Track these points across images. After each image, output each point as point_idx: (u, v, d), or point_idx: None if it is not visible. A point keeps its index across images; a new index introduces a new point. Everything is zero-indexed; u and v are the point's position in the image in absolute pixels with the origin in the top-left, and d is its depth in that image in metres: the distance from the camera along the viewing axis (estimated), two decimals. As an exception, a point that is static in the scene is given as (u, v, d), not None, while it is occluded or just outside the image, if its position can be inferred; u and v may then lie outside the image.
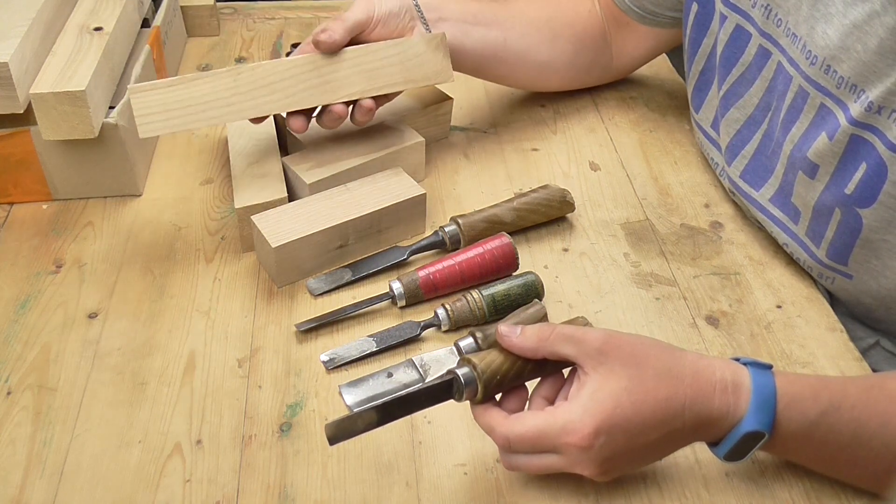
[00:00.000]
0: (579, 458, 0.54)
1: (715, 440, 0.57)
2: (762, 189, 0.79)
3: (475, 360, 0.57)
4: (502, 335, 0.58)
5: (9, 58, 0.73)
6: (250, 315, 0.72)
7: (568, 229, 0.82)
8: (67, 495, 0.59)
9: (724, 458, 0.57)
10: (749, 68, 0.79)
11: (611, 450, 0.54)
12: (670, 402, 0.54)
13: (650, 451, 0.56)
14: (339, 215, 0.75)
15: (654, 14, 0.91)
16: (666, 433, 0.55)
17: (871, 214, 0.67)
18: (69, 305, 0.72)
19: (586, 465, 0.55)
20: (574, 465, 0.55)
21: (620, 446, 0.54)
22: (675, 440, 0.56)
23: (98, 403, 0.65)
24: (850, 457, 0.57)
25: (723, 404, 0.55)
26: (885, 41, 0.62)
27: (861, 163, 0.67)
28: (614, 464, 0.55)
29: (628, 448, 0.55)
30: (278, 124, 0.87)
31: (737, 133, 0.82)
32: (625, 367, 0.55)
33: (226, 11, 1.17)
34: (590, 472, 0.55)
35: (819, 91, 0.69)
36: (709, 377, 0.55)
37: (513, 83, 0.97)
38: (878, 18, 0.63)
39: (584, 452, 0.54)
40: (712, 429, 0.56)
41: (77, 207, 0.83)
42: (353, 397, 0.65)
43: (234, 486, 0.60)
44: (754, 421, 0.54)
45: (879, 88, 0.64)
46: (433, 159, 0.90)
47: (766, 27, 0.76)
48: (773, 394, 0.55)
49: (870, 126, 0.65)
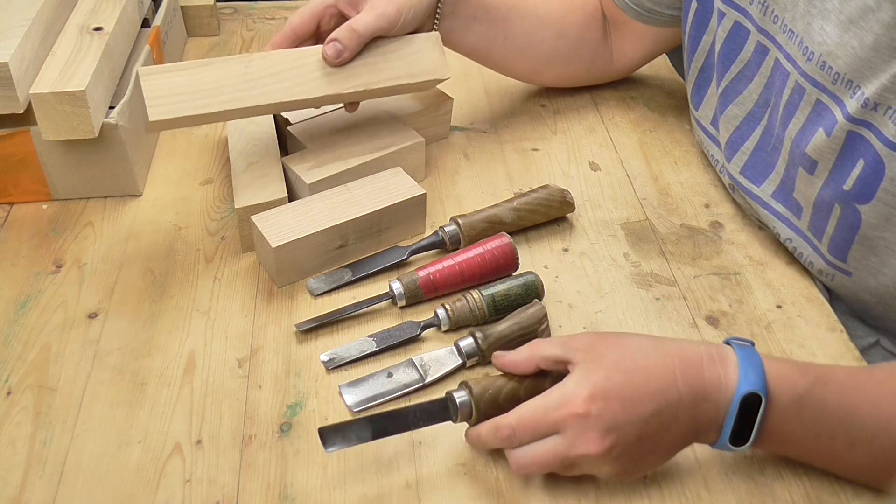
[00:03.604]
0: (580, 430, 0.55)
1: (716, 424, 0.56)
2: (763, 185, 0.79)
3: (471, 383, 0.60)
4: (495, 358, 0.62)
5: (9, 58, 0.73)
6: (250, 315, 0.72)
7: (568, 229, 0.82)
8: (67, 495, 0.59)
9: (730, 441, 0.56)
10: (748, 65, 0.79)
11: (610, 419, 0.54)
12: (660, 372, 0.56)
13: (655, 429, 0.55)
14: (339, 215, 0.75)
15: (653, 12, 0.91)
16: (664, 405, 0.55)
17: (869, 211, 0.67)
18: (69, 305, 0.72)
19: (590, 440, 0.54)
20: (577, 441, 0.55)
21: (619, 416, 0.55)
22: (677, 416, 0.56)
23: (98, 403, 0.65)
24: (845, 439, 0.57)
25: (713, 374, 0.56)
26: (881, 37, 0.63)
27: (859, 159, 0.67)
28: (619, 440, 0.55)
29: (627, 419, 0.55)
30: (278, 124, 0.87)
31: (736, 129, 0.82)
32: (611, 350, 0.58)
33: (226, 11, 1.17)
34: (595, 449, 0.55)
35: (815, 87, 0.70)
36: (693, 350, 0.57)
37: (508, 73, 0.97)
38: (872, 14, 0.63)
39: (582, 421, 0.54)
40: (709, 403, 0.56)
41: (77, 207, 0.83)
42: (353, 397, 0.65)
43: (234, 486, 0.60)
44: (748, 384, 0.55)
45: (875, 85, 0.64)
46: (433, 159, 0.90)
47: (764, 24, 0.76)
48: (759, 362, 0.57)
49: (866, 122, 0.65)
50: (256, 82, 0.74)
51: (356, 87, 0.77)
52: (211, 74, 0.72)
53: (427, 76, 0.81)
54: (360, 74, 0.77)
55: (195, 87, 0.71)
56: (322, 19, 0.79)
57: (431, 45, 0.81)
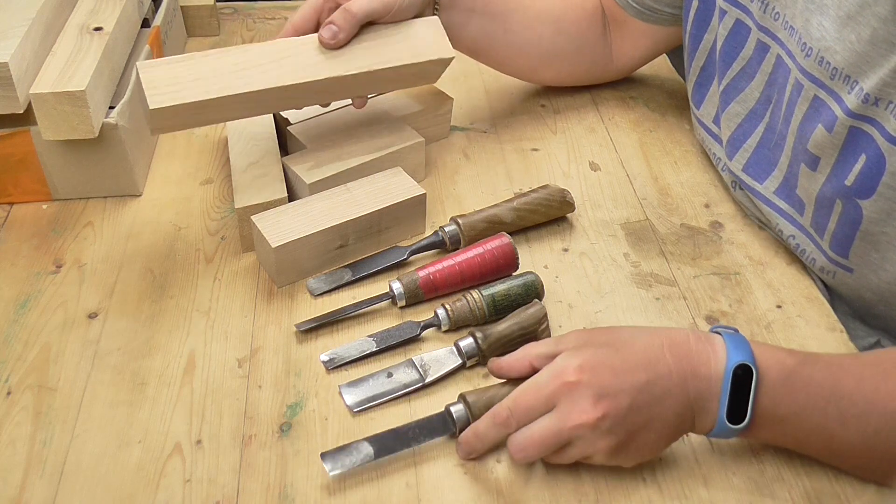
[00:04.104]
0: (572, 400, 0.56)
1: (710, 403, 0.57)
2: (766, 181, 0.79)
3: (468, 395, 0.62)
4: (491, 364, 0.64)
5: (9, 58, 0.73)
6: (250, 315, 0.72)
7: (568, 229, 0.82)
8: (67, 495, 0.59)
9: (727, 420, 0.57)
10: (749, 63, 0.80)
11: (600, 385, 0.56)
12: (649, 347, 0.58)
13: (647, 400, 0.57)
14: (339, 215, 0.75)
15: (653, 10, 0.91)
16: (654, 376, 0.57)
17: (870, 206, 0.68)
18: (69, 305, 0.72)
19: (583, 409, 0.56)
20: (571, 412, 0.56)
21: (610, 383, 0.56)
22: (669, 391, 0.57)
23: (98, 403, 0.65)
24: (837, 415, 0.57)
25: (701, 349, 0.58)
26: (878, 31, 0.63)
27: (861, 154, 0.67)
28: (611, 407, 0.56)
29: (619, 387, 0.56)
30: (278, 124, 0.87)
31: (738, 127, 0.82)
32: (600, 334, 0.61)
33: (226, 11, 1.17)
34: (588, 418, 0.56)
35: (813, 83, 0.70)
36: (679, 331, 0.60)
37: (507, 71, 0.97)
38: (869, 8, 0.64)
39: (574, 390, 0.56)
40: (699, 379, 0.57)
41: (77, 207, 0.83)
42: (353, 397, 0.65)
43: (234, 486, 0.60)
44: (738, 356, 0.57)
45: (873, 79, 0.64)
46: (433, 159, 0.90)
47: (764, 21, 0.76)
48: (746, 341, 0.59)
49: (868, 118, 0.66)
50: (256, 68, 0.73)
51: (359, 69, 0.77)
52: (210, 63, 0.72)
53: (430, 55, 0.80)
54: (361, 57, 0.77)
55: (194, 75, 0.71)
56: (322, 14, 0.79)
57: (432, 27, 0.81)
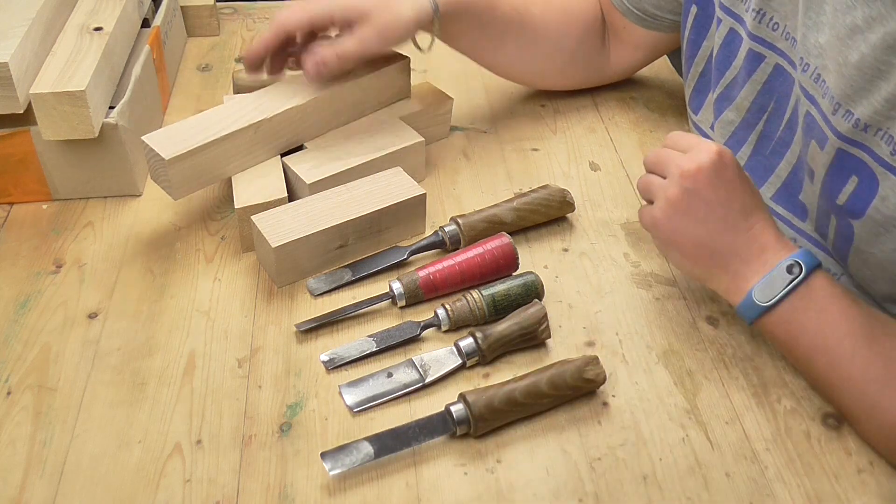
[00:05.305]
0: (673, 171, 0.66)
1: (757, 265, 0.64)
2: (763, 187, 0.79)
3: (467, 394, 0.62)
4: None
5: (9, 58, 0.73)
6: (250, 315, 0.72)
7: (568, 229, 0.82)
8: (67, 495, 0.59)
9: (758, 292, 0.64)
10: (740, 72, 0.79)
11: (695, 182, 0.65)
12: (738, 218, 0.66)
13: (722, 214, 0.65)
14: (339, 215, 0.75)
15: (654, 17, 0.91)
16: (732, 213, 0.65)
17: (860, 227, 0.67)
18: (69, 305, 0.72)
19: (679, 164, 0.66)
20: (670, 167, 0.67)
21: (705, 191, 0.65)
22: (737, 226, 0.65)
23: (98, 403, 0.65)
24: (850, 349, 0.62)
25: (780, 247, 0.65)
26: (867, 57, 0.62)
27: (851, 175, 0.66)
28: (695, 188, 0.65)
29: (705, 194, 0.65)
30: (278, 124, 0.87)
31: (732, 135, 0.82)
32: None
33: (226, 11, 1.17)
34: (681, 170, 0.65)
35: (807, 99, 0.70)
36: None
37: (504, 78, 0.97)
38: (861, 34, 0.62)
39: (683, 180, 0.65)
40: (763, 249, 0.65)
41: (77, 207, 0.83)
42: (353, 397, 0.65)
43: (234, 486, 0.60)
44: (804, 255, 0.64)
45: (865, 106, 0.63)
46: (433, 159, 0.90)
47: (759, 31, 0.76)
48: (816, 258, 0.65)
49: (859, 143, 0.65)
50: (262, 144, 0.79)
51: (339, 124, 0.85)
52: (225, 146, 0.76)
53: (390, 101, 0.89)
54: (343, 112, 0.85)
55: (212, 161, 0.76)
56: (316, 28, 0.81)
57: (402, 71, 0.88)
